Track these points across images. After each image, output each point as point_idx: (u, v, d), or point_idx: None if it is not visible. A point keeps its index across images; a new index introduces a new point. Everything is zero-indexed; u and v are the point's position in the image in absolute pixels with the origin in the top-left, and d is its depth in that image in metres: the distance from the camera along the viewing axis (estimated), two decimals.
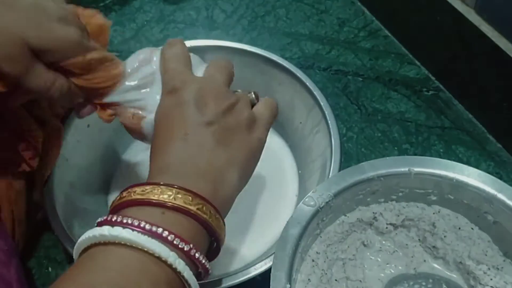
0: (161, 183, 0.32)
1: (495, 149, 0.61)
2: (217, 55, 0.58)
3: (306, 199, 0.42)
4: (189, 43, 0.58)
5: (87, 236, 0.30)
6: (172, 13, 0.79)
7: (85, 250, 0.30)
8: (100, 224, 0.30)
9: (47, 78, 0.36)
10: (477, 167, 0.50)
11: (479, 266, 0.41)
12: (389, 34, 0.74)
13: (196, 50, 0.58)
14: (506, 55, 0.54)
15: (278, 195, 0.56)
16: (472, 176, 0.42)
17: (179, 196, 0.31)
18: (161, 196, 0.31)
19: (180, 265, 0.30)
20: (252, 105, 0.41)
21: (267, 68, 0.57)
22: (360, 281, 0.42)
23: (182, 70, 0.38)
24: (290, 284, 0.37)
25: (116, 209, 0.32)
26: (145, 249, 0.29)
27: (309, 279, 0.41)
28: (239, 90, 0.41)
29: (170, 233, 0.30)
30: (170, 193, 0.31)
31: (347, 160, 0.60)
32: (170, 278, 0.30)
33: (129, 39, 0.75)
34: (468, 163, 0.59)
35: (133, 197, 0.31)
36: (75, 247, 0.31)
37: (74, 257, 0.32)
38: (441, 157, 0.54)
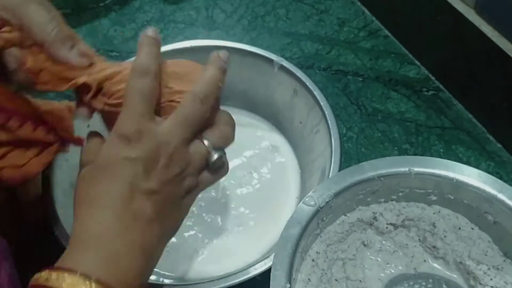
0: (78, 272, 0.30)
1: (495, 149, 0.61)
2: None
3: (306, 199, 0.42)
4: (189, 43, 0.58)
5: None
6: (172, 13, 0.79)
7: None
8: None
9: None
10: (477, 167, 0.50)
11: (479, 266, 0.41)
12: (389, 34, 0.74)
13: (196, 50, 0.59)
14: (506, 55, 0.54)
15: (279, 194, 0.56)
16: (472, 176, 0.42)
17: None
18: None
19: None
20: (207, 163, 0.37)
21: (267, 68, 0.57)
22: (360, 281, 0.42)
23: (143, 114, 0.34)
24: (290, 283, 0.37)
25: None
26: None
27: (309, 279, 0.41)
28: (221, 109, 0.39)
29: None
30: (83, 287, 0.29)
31: (347, 160, 0.60)
32: None
33: (129, 39, 0.75)
34: (468, 163, 0.59)
35: (48, 284, 0.29)
36: None
37: None
38: (441, 157, 0.54)
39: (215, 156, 0.37)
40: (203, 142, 0.36)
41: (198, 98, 0.35)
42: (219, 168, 0.38)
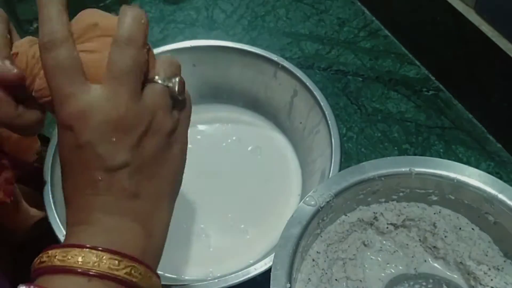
0: (87, 245, 0.28)
1: (495, 149, 0.61)
2: (217, 55, 0.58)
3: (307, 199, 0.41)
4: (189, 43, 0.58)
5: None
6: (172, 13, 0.79)
7: None
8: None
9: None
10: (477, 167, 0.50)
11: (479, 267, 0.41)
12: (389, 34, 0.74)
13: (196, 50, 0.59)
14: (506, 55, 0.54)
15: (280, 194, 0.56)
16: (473, 177, 0.42)
17: (104, 260, 0.28)
18: (85, 262, 0.28)
19: None
20: (173, 99, 0.32)
21: (267, 68, 0.57)
22: (361, 281, 0.42)
23: (71, 87, 0.29)
24: (290, 283, 0.37)
25: (37, 273, 0.29)
26: None
27: (309, 279, 0.41)
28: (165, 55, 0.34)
29: None
30: (94, 258, 0.28)
31: (347, 160, 0.60)
32: None
33: None
34: (468, 163, 0.59)
35: (54, 263, 0.28)
36: None
37: None
38: (441, 157, 0.54)
39: (176, 83, 0.32)
40: (156, 81, 0.31)
41: (124, 44, 0.30)
42: (185, 95, 0.34)
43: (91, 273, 0.28)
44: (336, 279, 0.42)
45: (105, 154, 0.29)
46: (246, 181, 0.57)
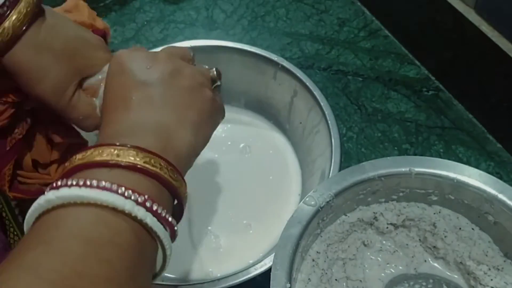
0: (103, 143, 0.31)
1: (495, 149, 0.61)
2: (217, 55, 0.58)
3: (307, 199, 0.41)
4: (189, 43, 0.58)
5: (33, 208, 0.28)
6: (172, 13, 0.79)
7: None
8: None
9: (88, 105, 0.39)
10: (477, 167, 0.50)
11: (479, 267, 0.41)
12: (389, 34, 0.74)
13: (196, 50, 0.58)
14: (506, 55, 0.54)
15: (280, 194, 0.56)
16: (473, 177, 0.42)
17: (122, 153, 0.30)
18: (103, 155, 0.30)
19: (140, 212, 0.28)
20: (213, 81, 0.40)
21: (267, 68, 0.57)
22: (361, 281, 0.42)
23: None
24: (290, 283, 0.37)
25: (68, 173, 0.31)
26: (98, 202, 0.27)
27: (309, 279, 0.41)
28: (206, 66, 0.41)
29: (119, 186, 0.28)
30: (112, 150, 0.30)
31: (347, 160, 0.60)
32: (135, 229, 0.28)
33: (129, 39, 0.75)
34: (468, 163, 0.59)
35: (75, 163, 0.30)
36: (25, 223, 0.29)
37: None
38: (441, 157, 0.54)
39: (214, 70, 0.41)
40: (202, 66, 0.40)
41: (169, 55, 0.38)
42: (219, 84, 0.41)
43: (110, 163, 0.29)
44: (336, 279, 0.42)
45: (143, 72, 0.35)
46: (245, 181, 0.57)
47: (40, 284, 0.23)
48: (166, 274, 0.50)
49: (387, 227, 0.44)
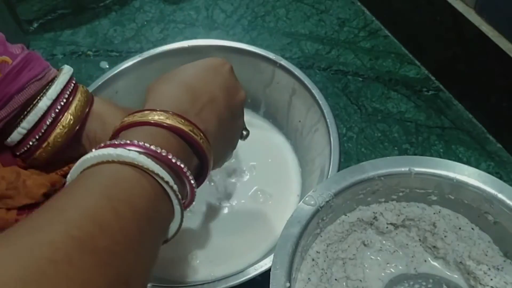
0: (157, 109, 0.34)
1: (495, 149, 0.61)
2: (217, 55, 0.58)
3: (307, 198, 0.41)
4: (189, 43, 0.58)
5: (74, 167, 0.30)
6: (172, 13, 0.79)
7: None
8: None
9: None
10: (477, 167, 0.50)
11: (479, 266, 0.41)
12: (389, 34, 0.74)
13: (196, 50, 0.59)
14: (506, 55, 0.54)
15: (280, 194, 0.56)
16: (472, 176, 0.42)
17: (173, 117, 0.34)
18: (156, 117, 0.33)
19: (155, 166, 0.30)
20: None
21: (265, 67, 0.57)
22: (360, 280, 0.42)
23: None
24: (290, 283, 0.37)
25: (112, 137, 0.34)
26: (121, 160, 0.29)
27: (309, 278, 0.41)
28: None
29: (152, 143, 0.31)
30: (166, 115, 0.33)
31: (347, 160, 0.60)
32: (152, 184, 0.30)
33: (129, 39, 0.75)
34: (468, 163, 0.59)
35: (130, 120, 0.33)
36: (68, 176, 0.31)
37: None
38: (441, 157, 0.54)
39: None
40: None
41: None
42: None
43: (163, 124, 0.33)
44: (336, 279, 0.42)
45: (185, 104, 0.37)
46: (245, 180, 0.57)
47: (67, 231, 0.24)
48: (166, 275, 0.50)
49: (387, 227, 0.44)
